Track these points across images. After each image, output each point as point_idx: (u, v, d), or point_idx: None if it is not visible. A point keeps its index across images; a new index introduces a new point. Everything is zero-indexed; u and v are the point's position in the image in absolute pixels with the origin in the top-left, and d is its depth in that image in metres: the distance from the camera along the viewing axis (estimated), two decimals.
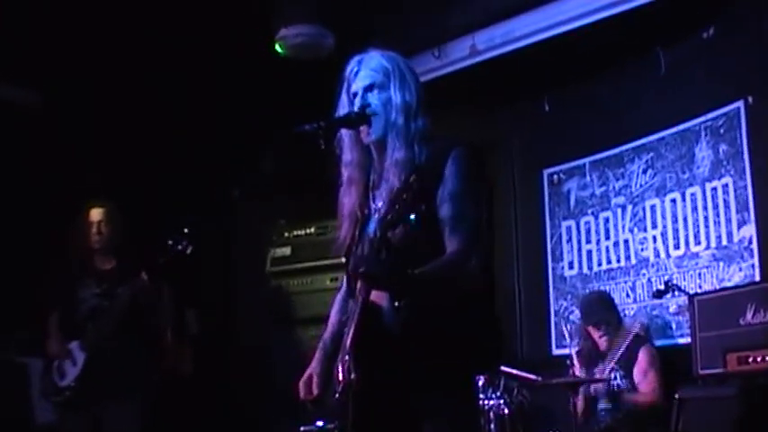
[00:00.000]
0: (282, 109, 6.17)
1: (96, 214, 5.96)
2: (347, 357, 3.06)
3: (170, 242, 5.61)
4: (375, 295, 3.11)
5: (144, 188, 7.43)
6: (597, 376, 6.05)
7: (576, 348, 6.43)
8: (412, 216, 2.85)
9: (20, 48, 6.61)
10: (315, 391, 3.38)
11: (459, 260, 3.13)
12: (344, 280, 3.58)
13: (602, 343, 6.21)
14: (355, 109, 3.33)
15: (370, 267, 2.97)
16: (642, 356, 6.05)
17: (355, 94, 3.37)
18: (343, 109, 3.41)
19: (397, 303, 3.06)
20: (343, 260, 3.53)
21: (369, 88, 3.34)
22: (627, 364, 6.04)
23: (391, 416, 3.15)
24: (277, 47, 6.74)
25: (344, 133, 3.39)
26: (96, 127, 7.42)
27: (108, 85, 7.11)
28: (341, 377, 3.15)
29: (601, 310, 6.32)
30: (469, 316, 3.16)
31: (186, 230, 5.60)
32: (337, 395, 3.11)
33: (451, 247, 3.12)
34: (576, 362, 6.28)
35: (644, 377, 5.99)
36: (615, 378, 6.04)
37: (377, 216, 3.29)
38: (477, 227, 3.18)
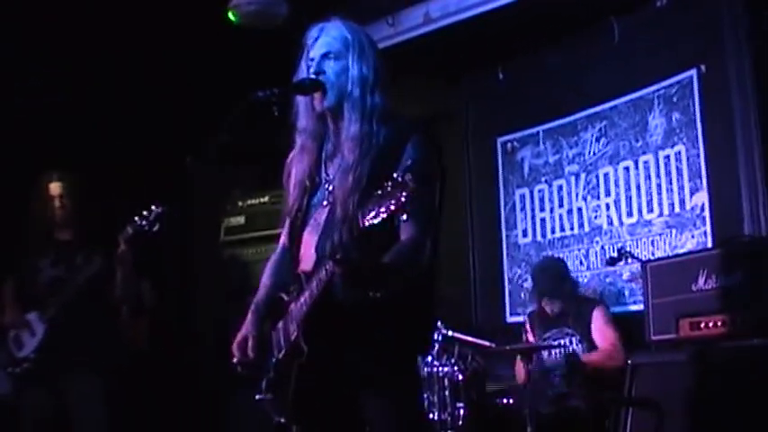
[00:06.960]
0: (240, 79, 6.13)
1: (56, 188, 5.82)
2: (296, 327, 3.12)
3: (136, 219, 5.56)
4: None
5: (101, 159, 7.35)
6: (550, 341, 6.12)
7: (528, 311, 6.48)
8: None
9: None
10: (251, 354, 3.36)
11: (416, 247, 3.09)
12: (281, 243, 3.62)
13: (555, 310, 6.26)
14: (310, 75, 3.29)
15: (349, 255, 2.88)
16: (597, 315, 6.11)
17: (312, 60, 3.32)
18: (300, 75, 3.36)
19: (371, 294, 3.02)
20: (287, 225, 3.54)
21: (326, 56, 3.29)
22: (582, 327, 6.09)
23: (331, 387, 3.18)
24: (230, 15, 6.68)
25: (299, 100, 3.35)
26: (53, 97, 7.32)
27: (65, 54, 7.02)
28: (283, 344, 3.20)
29: (551, 281, 6.33)
30: (413, 297, 3.15)
31: (154, 209, 5.55)
32: (281, 358, 3.20)
33: (407, 234, 3.10)
34: (527, 327, 6.33)
35: (602, 335, 6.04)
36: (571, 343, 6.09)
37: (327, 186, 3.30)
38: (432, 214, 3.15)
